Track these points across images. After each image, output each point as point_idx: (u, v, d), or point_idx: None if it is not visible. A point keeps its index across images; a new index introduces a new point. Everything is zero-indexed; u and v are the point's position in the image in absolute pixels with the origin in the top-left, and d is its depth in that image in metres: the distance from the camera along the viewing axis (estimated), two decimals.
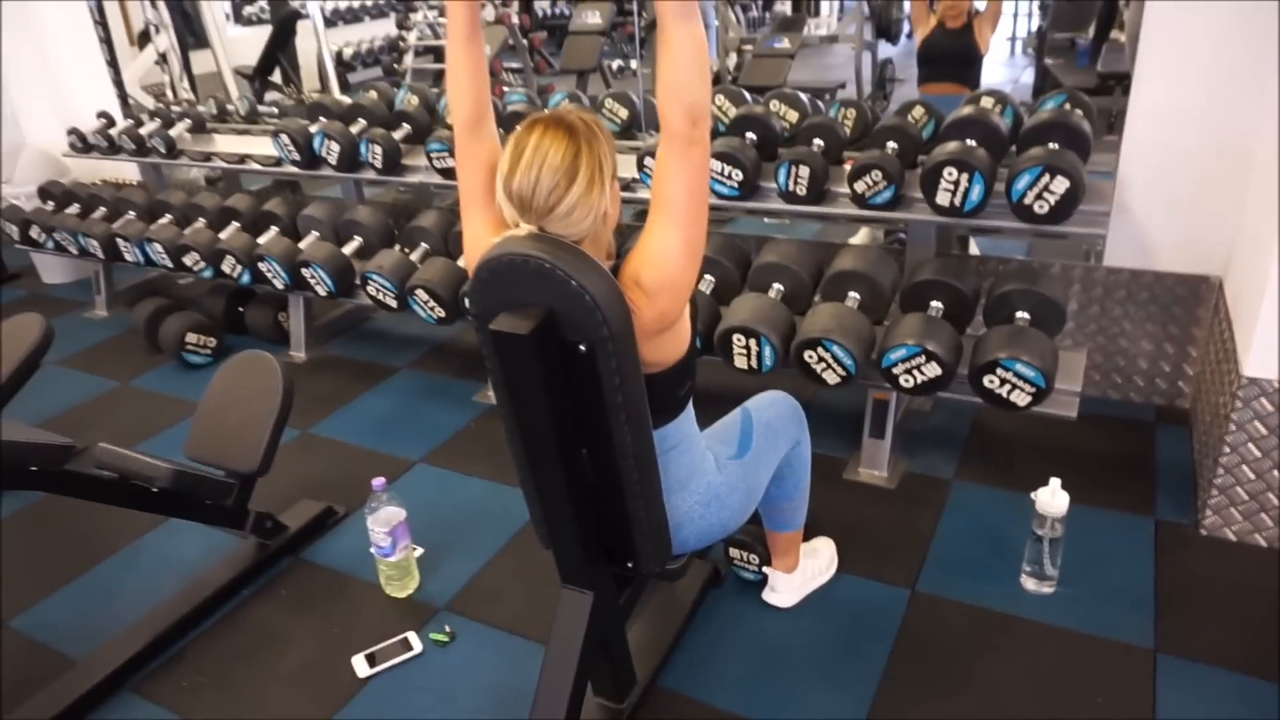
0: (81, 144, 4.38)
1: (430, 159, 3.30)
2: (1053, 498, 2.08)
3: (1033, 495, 2.11)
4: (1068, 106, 2.71)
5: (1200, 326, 2.72)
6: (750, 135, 2.86)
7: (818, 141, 2.81)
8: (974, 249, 3.68)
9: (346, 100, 3.79)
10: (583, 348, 1.44)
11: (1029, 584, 2.19)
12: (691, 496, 1.70)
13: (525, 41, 7.49)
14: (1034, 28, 8.17)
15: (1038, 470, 2.13)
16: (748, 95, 3.17)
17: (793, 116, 3.06)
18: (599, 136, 1.46)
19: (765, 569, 2.19)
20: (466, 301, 2.78)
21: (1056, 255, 3.35)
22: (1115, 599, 2.12)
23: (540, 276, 1.41)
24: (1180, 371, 2.82)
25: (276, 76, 7.52)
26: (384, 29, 9.23)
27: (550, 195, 1.41)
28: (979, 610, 2.13)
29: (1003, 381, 2.27)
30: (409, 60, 8.32)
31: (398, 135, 3.48)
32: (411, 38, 8.41)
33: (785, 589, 2.18)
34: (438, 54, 8.68)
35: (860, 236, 4.06)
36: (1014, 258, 3.05)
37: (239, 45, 7.54)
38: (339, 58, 8.24)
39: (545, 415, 1.50)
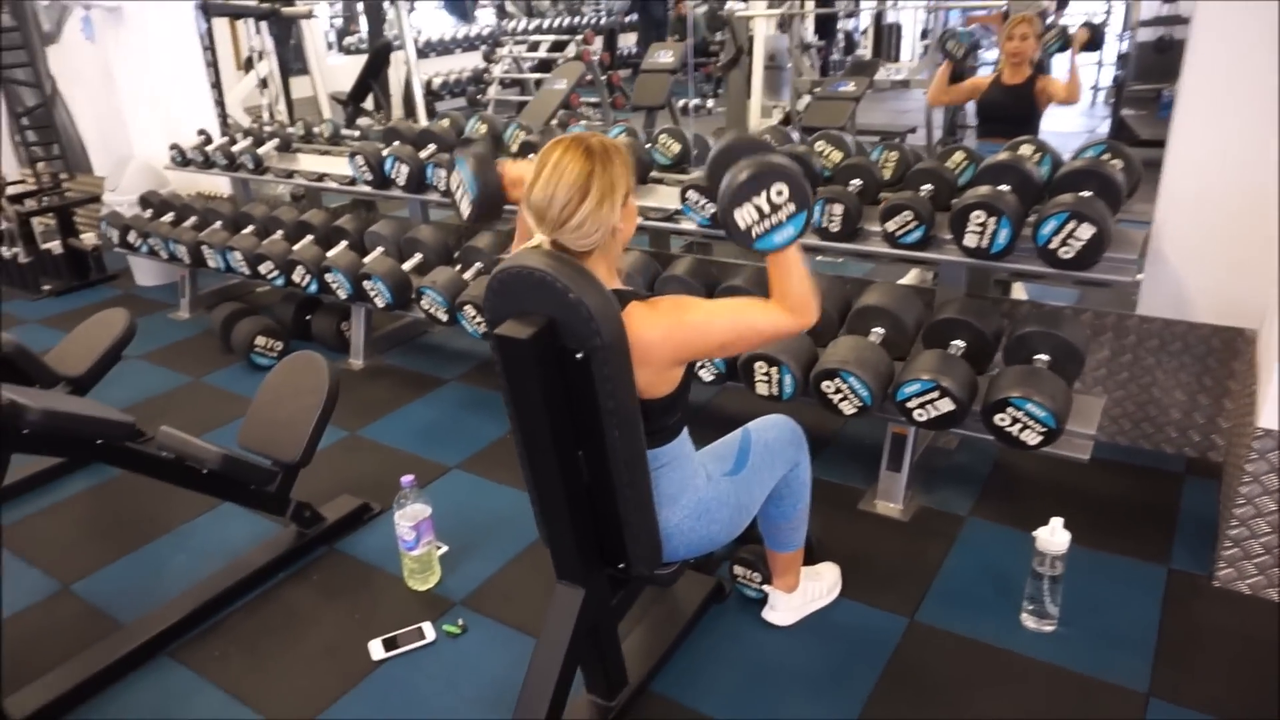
0: (180, 158, 4.73)
1: None
2: (1052, 535, 2.10)
3: (1034, 533, 2.14)
4: (1106, 156, 2.74)
5: (1236, 380, 2.69)
6: None
7: (855, 181, 2.90)
8: (1022, 294, 3.69)
9: (419, 126, 4.02)
10: (579, 355, 1.57)
11: (1029, 622, 2.20)
12: (681, 510, 1.80)
13: (604, 78, 7.75)
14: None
15: (1055, 512, 2.14)
16: (794, 136, 3.28)
17: (836, 157, 3.14)
18: (614, 159, 1.60)
19: (766, 587, 2.26)
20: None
21: (1106, 304, 3.33)
22: (1115, 642, 2.13)
23: (543, 288, 1.54)
24: (1214, 425, 2.79)
25: (370, 103, 7.92)
26: (472, 61, 9.63)
27: (564, 209, 1.56)
28: (975, 643, 2.15)
29: (1014, 420, 2.31)
30: (493, 91, 8.68)
31: None
32: (497, 70, 8.77)
33: (784, 608, 2.24)
34: (522, 86, 9.03)
35: (910, 277, 4.10)
36: (1047, 303, 3.06)
37: (339, 72, 7.98)
38: (428, 87, 8.63)
39: (543, 416, 1.62)
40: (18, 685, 2.10)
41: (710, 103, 8.92)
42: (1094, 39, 4.24)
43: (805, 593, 2.26)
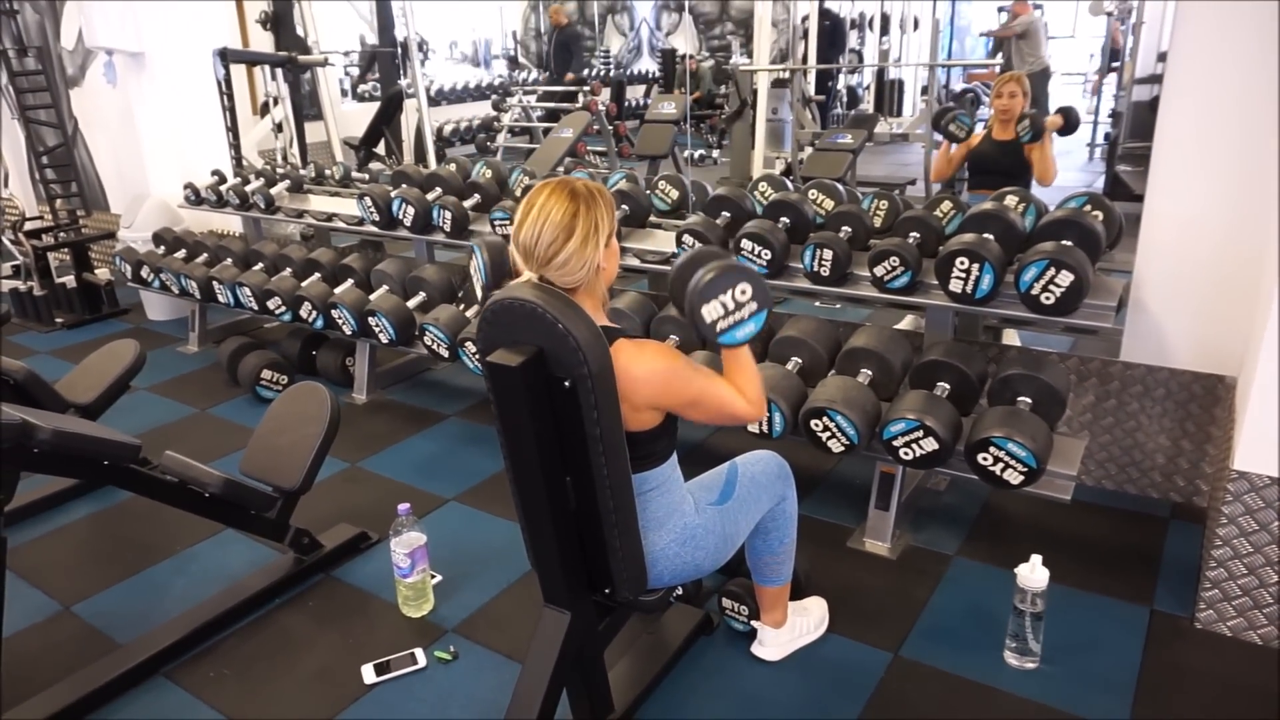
0: (194, 196, 4.87)
1: (494, 225, 3.59)
2: (1032, 572, 2.14)
3: (1015, 570, 2.18)
4: (1087, 208, 2.83)
5: (1218, 426, 2.75)
6: (784, 219, 3.07)
7: (846, 228, 2.99)
8: (1015, 340, 3.76)
9: (427, 170, 4.15)
10: (567, 383, 1.64)
11: (1011, 659, 2.23)
12: (668, 535, 1.85)
13: (611, 127, 7.94)
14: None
15: (1040, 553, 2.18)
16: (789, 184, 3.39)
17: (829, 205, 3.24)
18: (598, 201, 1.69)
19: (754, 623, 2.29)
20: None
21: (1094, 351, 3.39)
22: (1097, 681, 2.16)
23: (533, 318, 1.62)
24: (1198, 470, 2.84)
25: (382, 148, 8.11)
26: (483, 109, 9.84)
27: (550, 248, 1.64)
28: (956, 679, 2.18)
29: (996, 459, 2.36)
30: (501, 139, 8.87)
31: (468, 203, 3.79)
32: (506, 119, 8.97)
33: (772, 643, 2.27)
34: (531, 134, 9.23)
35: (905, 323, 4.17)
36: (1031, 348, 3.13)
37: (352, 118, 8.19)
38: (439, 133, 8.83)
39: (531, 442, 1.69)
40: (16, 701, 2.14)
41: (715, 153, 9.12)
42: (1068, 124, 4.37)
43: (793, 628, 2.29)
